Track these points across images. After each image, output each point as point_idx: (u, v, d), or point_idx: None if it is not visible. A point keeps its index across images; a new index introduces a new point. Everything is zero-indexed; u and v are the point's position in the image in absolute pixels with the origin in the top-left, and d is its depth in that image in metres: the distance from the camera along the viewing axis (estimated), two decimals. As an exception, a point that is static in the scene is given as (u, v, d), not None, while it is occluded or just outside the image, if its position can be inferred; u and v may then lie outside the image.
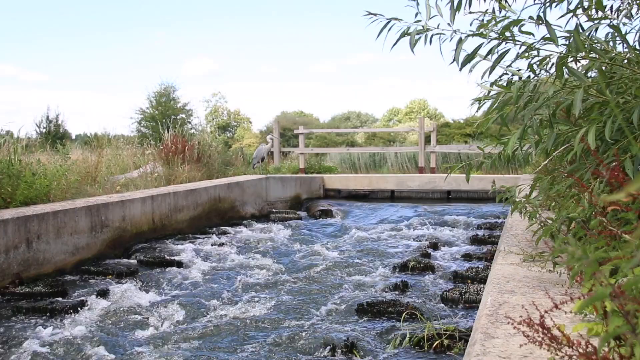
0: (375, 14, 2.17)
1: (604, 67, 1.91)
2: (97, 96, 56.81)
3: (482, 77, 2.15)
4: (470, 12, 2.14)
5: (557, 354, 1.03)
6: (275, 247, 6.09)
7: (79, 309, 3.85)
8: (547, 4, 2.10)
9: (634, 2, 2.17)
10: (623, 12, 2.22)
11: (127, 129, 26.97)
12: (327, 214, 8.52)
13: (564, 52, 1.88)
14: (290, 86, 59.60)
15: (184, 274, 4.82)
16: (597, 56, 1.92)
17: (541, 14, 2.01)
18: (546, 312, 1.12)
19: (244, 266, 5.19)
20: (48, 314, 3.78)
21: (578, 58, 1.94)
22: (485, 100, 2.25)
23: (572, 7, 2.14)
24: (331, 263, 5.18)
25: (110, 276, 4.71)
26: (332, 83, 61.51)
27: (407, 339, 3.14)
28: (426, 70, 62.07)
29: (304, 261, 5.33)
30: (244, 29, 56.47)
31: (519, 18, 1.98)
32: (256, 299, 4.17)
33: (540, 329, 1.04)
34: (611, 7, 2.22)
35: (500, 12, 2.12)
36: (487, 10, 2.13)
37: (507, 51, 2.01)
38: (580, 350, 0.98)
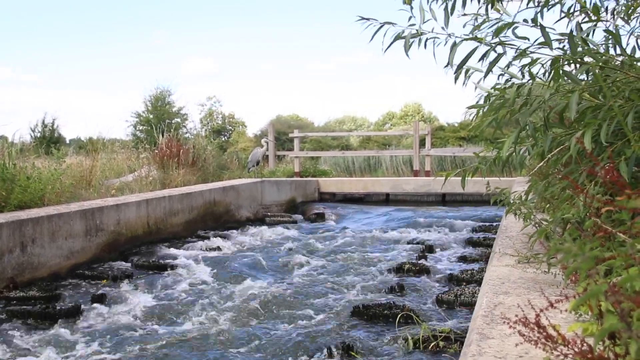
0: (368, 19, 2.16)
1: (597, 70, 1.93)
2: (96, 96, 56.21)
3: (476, 82, 2.17)
4: (465, 15, 2.16)
5: (552, 353, 1.04)
6: (270, 250, 6.08)
7: (73, 313, 3.84)
8: (541, 7, 2.12)
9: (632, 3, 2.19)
10: (619, 15, 2.24)
11: (122, 133, 26.93)
12: (322, 217, 8.52)
13: (560, 55, 1.90)
14: (287, 84, 59.36)
15: (179, 278, 4.81)
16: (592, 60, 1.94)
17: (536, 17, 2.03)
18: (542, 310, 1.13)
19: (239, 270, 5.18)
20: (43, 319, 3.76)
21: (571, 62, 1.95)
22: (481, 109, 2.27)
23: (566, 10, 2.16)
24: (326, 266, 5.19)
25: (105, 280, 4.70)
26: (330, 80, 61.30)
27: (403, 340, 3.15)
28: (423, 66, 61.89)
29: (299, 264, 5.33)
30: (242, 27, 56.24)
31: (513, 21, 2.00)
32: (251, 302, 4.17)
33: (536, 328, 1.05)
34: (606, 9, 2.24)
35: (492, 13, 2.13)
36: (478, 12, 2.15)
37: (501, 55, 2.02)
38: (576, 349, 0.98)
